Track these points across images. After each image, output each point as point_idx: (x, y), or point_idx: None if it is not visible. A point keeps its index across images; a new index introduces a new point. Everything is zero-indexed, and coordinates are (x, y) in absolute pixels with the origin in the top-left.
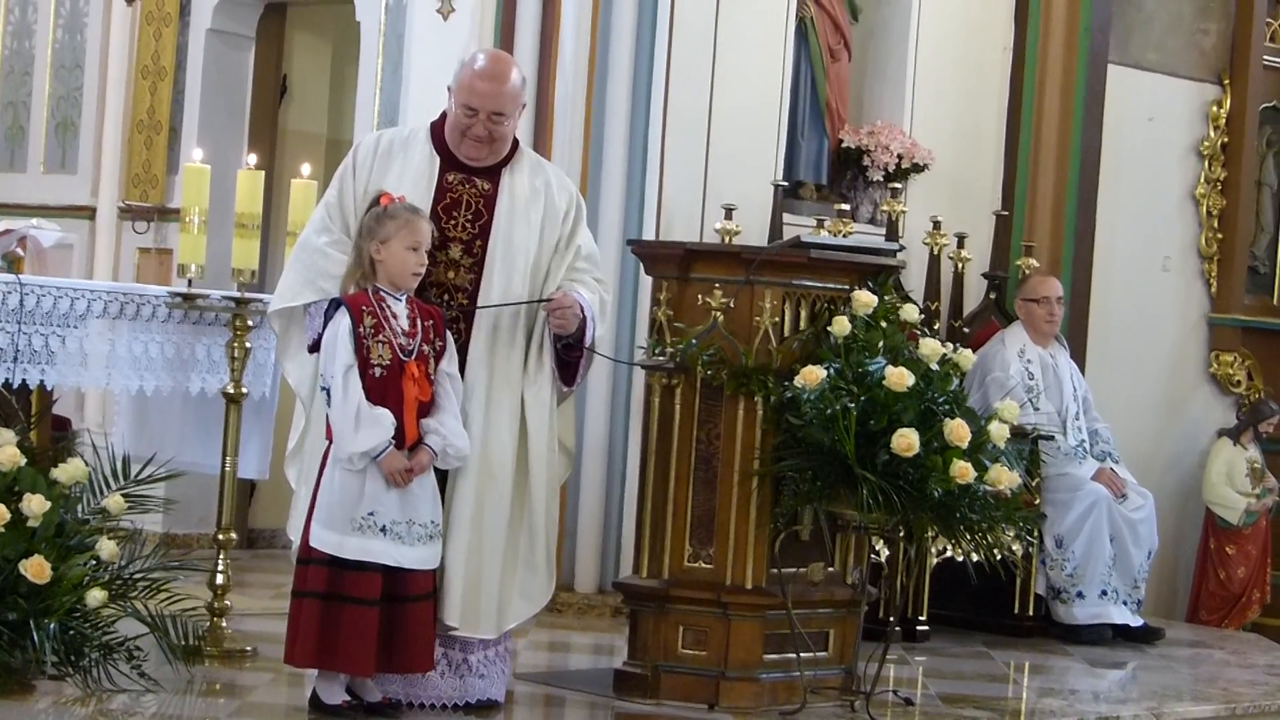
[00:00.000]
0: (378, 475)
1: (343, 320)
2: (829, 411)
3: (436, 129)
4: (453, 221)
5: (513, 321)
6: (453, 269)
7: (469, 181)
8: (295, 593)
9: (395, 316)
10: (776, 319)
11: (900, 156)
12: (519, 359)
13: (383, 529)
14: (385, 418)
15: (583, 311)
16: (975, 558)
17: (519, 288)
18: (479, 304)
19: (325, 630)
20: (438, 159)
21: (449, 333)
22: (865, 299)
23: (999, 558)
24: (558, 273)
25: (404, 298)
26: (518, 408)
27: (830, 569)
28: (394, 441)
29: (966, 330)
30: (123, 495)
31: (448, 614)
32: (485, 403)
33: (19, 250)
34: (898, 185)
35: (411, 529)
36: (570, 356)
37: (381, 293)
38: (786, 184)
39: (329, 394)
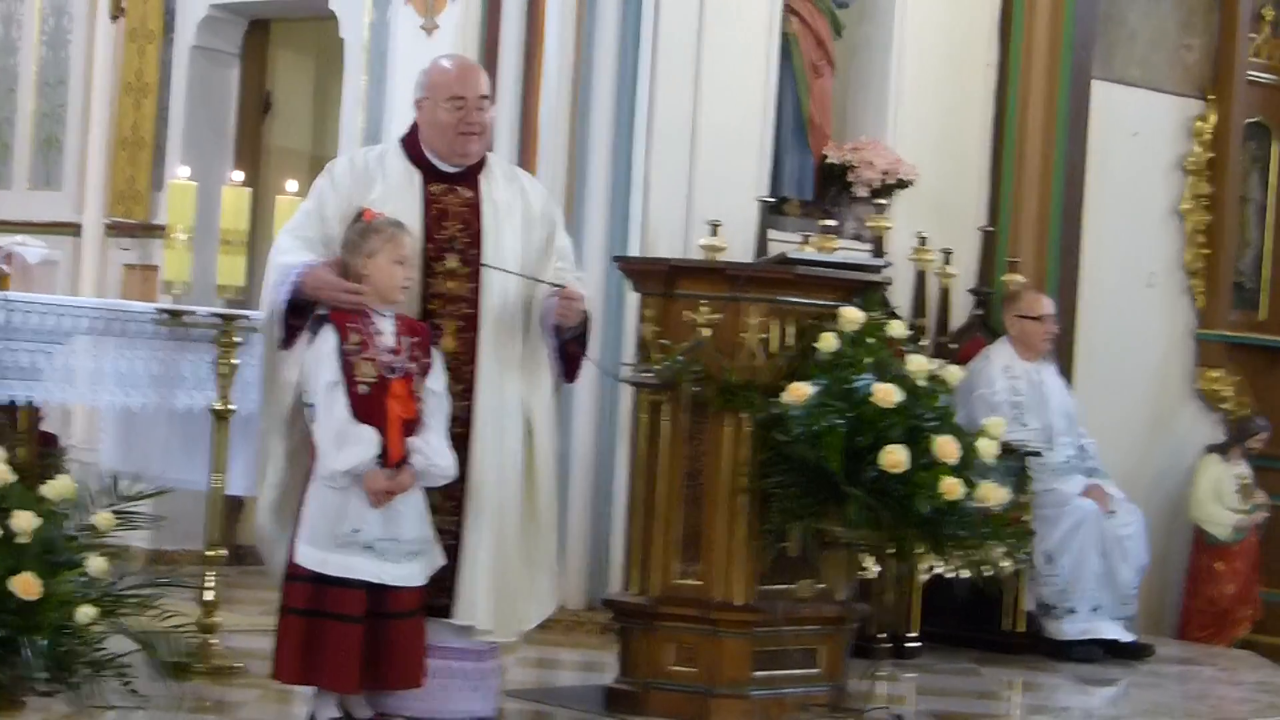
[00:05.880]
0: (362, 492)
1: (329, 337)
2: (816, 428)
3: (409, 142)
4: (444, 231)
5: (512, 322)
6: (451, 279)
7: (452, 191)
8: (281, 609)
9: (381, 334)
10: (763, 335)
11: (885, 173)
12: (518, 358)
13: (367, 546)
14: (368, 435)
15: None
16: (964, 574)
17: (514, 291)
18: (492, 270)
19: (309, 646)
20: (417, 172)
21: (435, 350)
22: (852, 315)
23: (988, 574)
24: (544, 274)
25: (390, 314)
26: (527, 410)
27: (819, 585)
28: (380, 460)
29: (953, 346)
30: (111, 512)
31: (480, 619)
32: (498, 407)
33: (4, 267)
34: (882, 201)
35: (396, 546)
36: (568, 349)
37: (368, 309)
38: (771, 200)
39: (314, 410)
